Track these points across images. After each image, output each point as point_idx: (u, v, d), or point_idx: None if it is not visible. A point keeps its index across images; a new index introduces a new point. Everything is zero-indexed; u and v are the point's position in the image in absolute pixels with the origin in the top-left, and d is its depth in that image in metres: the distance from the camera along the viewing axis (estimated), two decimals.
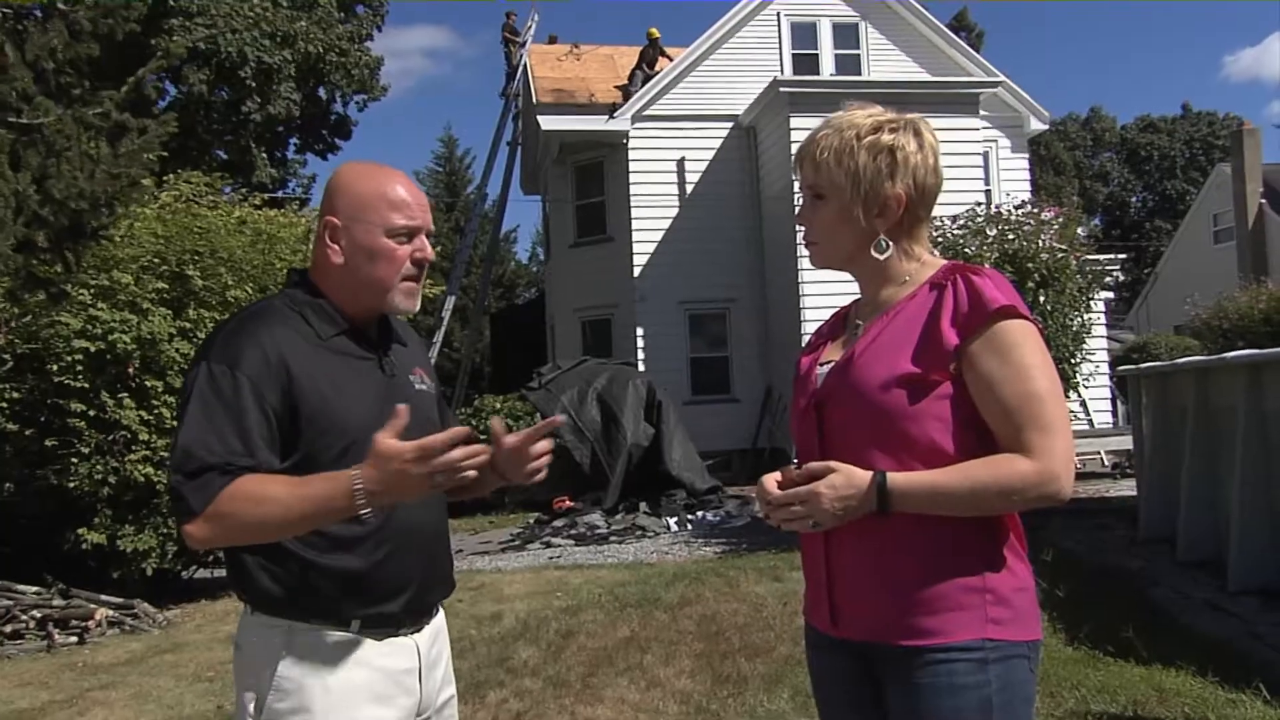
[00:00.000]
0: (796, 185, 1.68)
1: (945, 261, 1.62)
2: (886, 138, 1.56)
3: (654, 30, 16.81)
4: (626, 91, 16.26)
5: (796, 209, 1.71)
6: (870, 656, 1.56)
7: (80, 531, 7.17)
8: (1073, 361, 9.50)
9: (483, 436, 1.94)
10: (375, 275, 1.69)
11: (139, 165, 6.48)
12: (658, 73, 16.01)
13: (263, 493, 1.53)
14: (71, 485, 7.14)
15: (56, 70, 6.05)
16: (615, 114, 15.62)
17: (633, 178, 15.54)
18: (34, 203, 5.85)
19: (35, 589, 6.94)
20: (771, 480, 1.55)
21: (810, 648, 1.70)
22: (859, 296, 1.70)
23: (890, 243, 1.59)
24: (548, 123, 15.87)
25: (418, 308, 1.78)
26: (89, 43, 6.10)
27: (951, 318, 1.49)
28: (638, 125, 15.53)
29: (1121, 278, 19.33)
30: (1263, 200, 21.98)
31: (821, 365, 1.64)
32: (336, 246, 1.69)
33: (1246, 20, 73.02)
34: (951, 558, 1.48)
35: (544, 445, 1.72)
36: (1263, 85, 72.52)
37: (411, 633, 1.72)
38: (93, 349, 7.23)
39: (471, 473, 1.53)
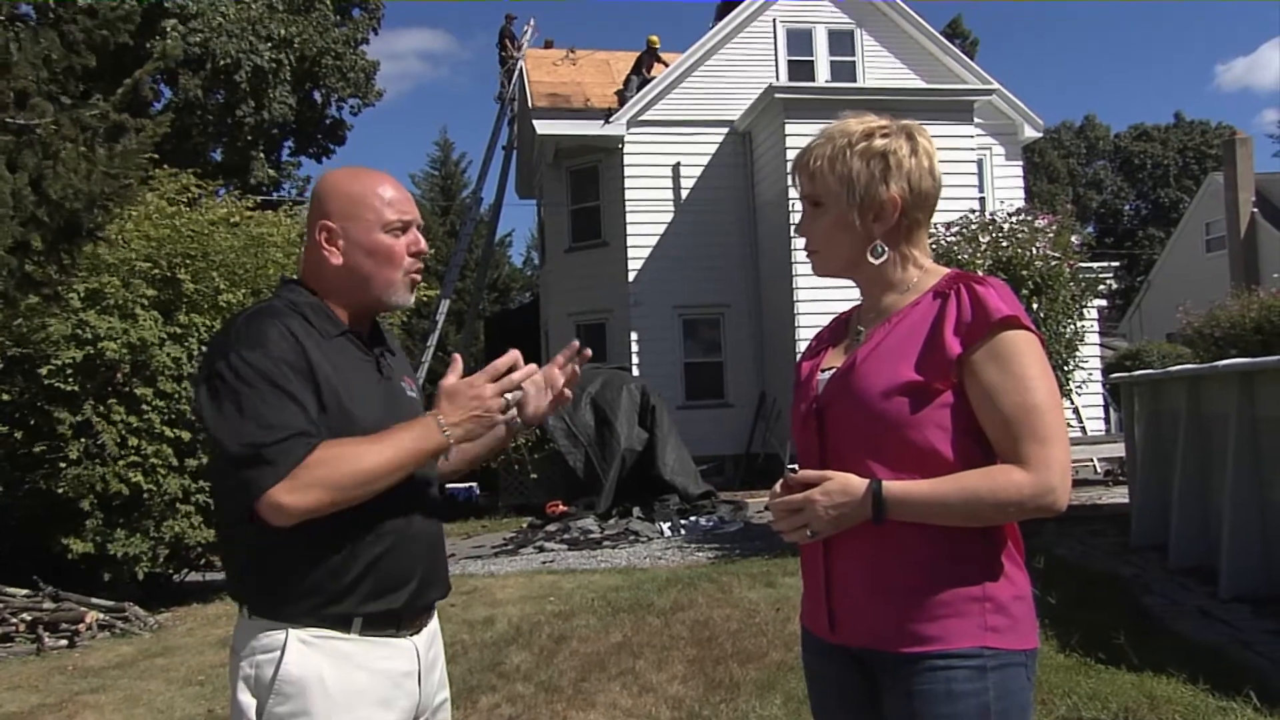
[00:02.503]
0: (793, 193, 1.71)
1: (949, 270, 1.62)
2: (879, 142, 1.57)
3: (654, 38, 16.86)
4: (622, 96, 16.28)
5: (791, 215, 1.73)
6: (868, 663, 1.56)
7: (65, 540, 7.11)
8: (1066, 369, 9.53)
9: None
10: (376, 271, 1.71)
11: (134, 166, 6.47)
12: (653, 78, 16.04)
13: (353, 449, 1.55)
14: (60, 490, 7.09)
15: (50, 79, 6.04)
16: (611, 119, 15.64)
17: (628, 182, 15.56)
18: (30, 204, 5.83)
19: (25, 592, 6.89)
20: (777, 489, 1.56)
21: (806, 652, 1.70)
22: (859, 302, 1.70)
23: (886, 247, 1.59)
24: (543, 127, 15.89)
25: (412, 302, 1.83)
26: (84, 54, 6.08)
27: (954, 326, 1.50)
28: (633, 130, 15.56)
29: (1114, 285, 19.39)
30: (1255, 209, 22.06)
31: (823, 371, 1.64)
32: (334, 248, 1.71)
33: (1239, 30, 73.54)
34: (951, 565, 1.48)
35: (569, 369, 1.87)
36: (1254, 94, 73.07)
37: (411, 634, 1.73)
38: (80, 357, 7.17)
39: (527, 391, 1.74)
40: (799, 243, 1.67)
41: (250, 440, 1.51)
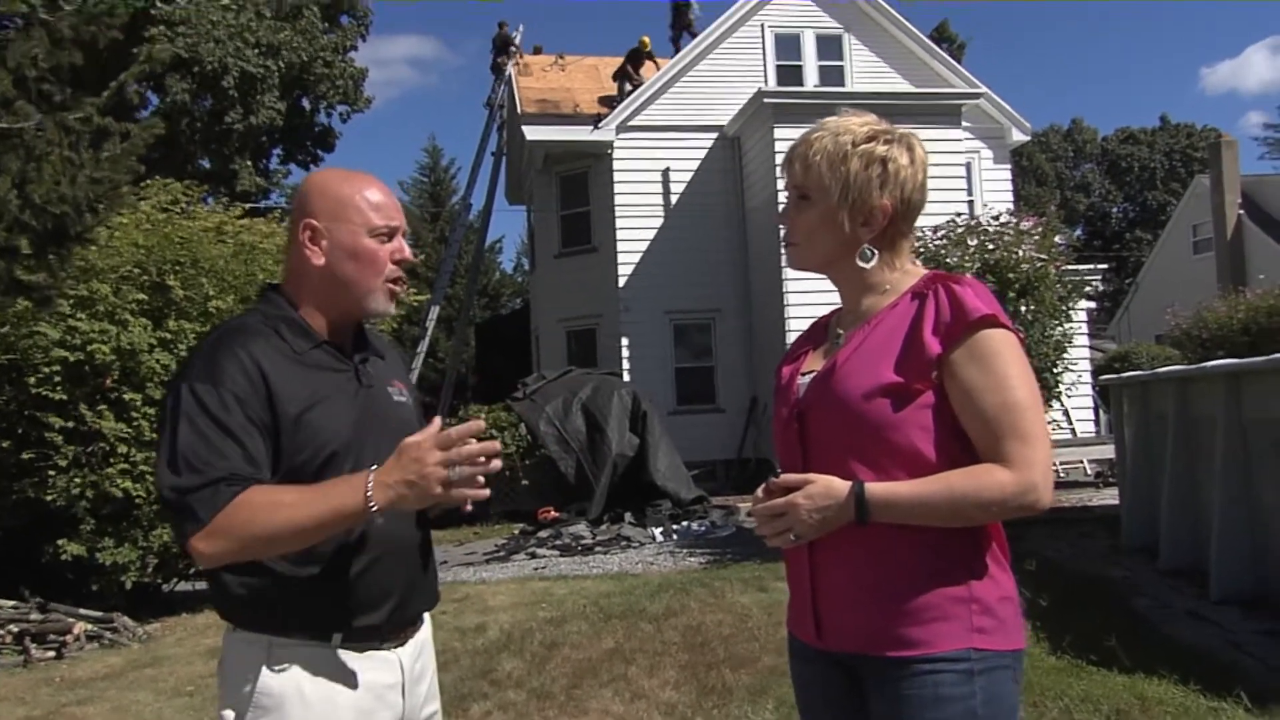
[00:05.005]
0: (781, 195, 1.69)
1: (926, 271, 1.62)
2: (880, 149, 1.56)
3: (646, 39, 16.89)
4: (611, 100, 16.29)
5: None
6: (855, 667, 1.55)
7: (60, 543, 7.07)
8: (1054, 371, 9.55)
9: None
10: (357, 275, 1.68)
11: (123, 170, 6.44)
12: (641, 80, 16.07)
13: (276, 499, 1.50)
14: (49, 498, 7.05)
15: (38, 79, 6.01)
16: (600, 124, 15.65)
17: (617, 188, 15.57)
18: (14, 207, 5.81)
19: (12, 602, 6.84)
20: (759, 494, 1.55)
21: (793, 658, 1.70)
22: (840, 306, 1.70)
23: (875, 252, 1.59)
24: (532, 133, 15.88)
25: (394, 310, 1.78)
26: (71, 50, 6.06)
27: (933, 327, 1.50)
28: (622, 135, 15.57)
29: (1103, 288, 19.48)
30: (1241, 211, 22.20)
31: (803, 375, 1.64)
32: (317, 248, 1.68)
33: (1224, 33, 74.09)
34: (936, 566, 1.48)
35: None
36: (1239, 97, 73.60)
37: (394, 646, 1.70)
38: (71, 359, 7.15)
39: (495, 464, 1.47)
40: None
41: (177, 485, 1.51)
